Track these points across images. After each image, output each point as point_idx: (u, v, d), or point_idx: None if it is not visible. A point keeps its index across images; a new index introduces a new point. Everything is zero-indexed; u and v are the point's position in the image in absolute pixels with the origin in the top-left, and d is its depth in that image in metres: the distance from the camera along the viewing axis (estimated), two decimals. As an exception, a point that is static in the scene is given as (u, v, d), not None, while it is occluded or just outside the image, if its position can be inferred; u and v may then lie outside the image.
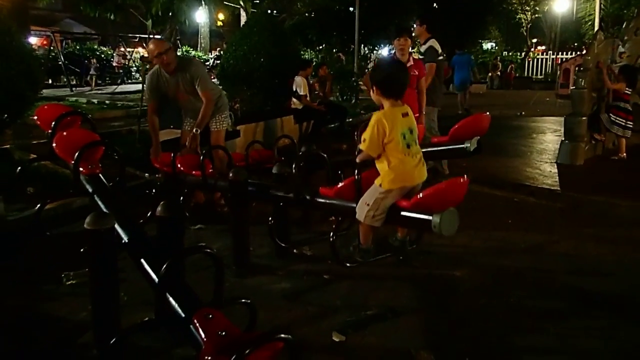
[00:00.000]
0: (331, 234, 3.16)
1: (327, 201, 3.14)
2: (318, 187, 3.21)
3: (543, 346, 2.75)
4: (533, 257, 3.95)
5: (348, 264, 3.24)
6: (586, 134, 6.88)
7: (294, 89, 8.61)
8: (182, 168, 4.14)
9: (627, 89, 7.01)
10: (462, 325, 2.88)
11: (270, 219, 3.58)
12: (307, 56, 17.85)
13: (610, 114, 7.08)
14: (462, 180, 2.59)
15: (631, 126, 6.99)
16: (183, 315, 1.91)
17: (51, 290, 3.25)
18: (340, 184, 3.07)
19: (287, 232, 3.80)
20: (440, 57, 6.08)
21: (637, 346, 2.77)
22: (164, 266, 1.99)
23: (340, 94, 13.94)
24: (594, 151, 7.29)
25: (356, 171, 2.83)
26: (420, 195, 2.52)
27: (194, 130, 4.43)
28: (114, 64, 22.67)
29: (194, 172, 4.03)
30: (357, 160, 2.81)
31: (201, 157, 3.88)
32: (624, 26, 8.15)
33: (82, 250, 2.54)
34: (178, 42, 24.47)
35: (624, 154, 7.03)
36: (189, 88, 4.49)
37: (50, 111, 3.56)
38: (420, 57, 5.81)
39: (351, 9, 16.67)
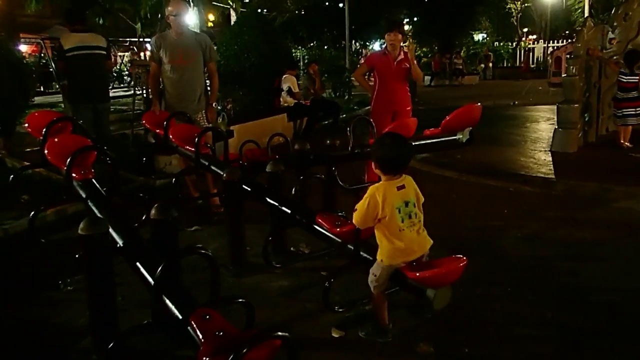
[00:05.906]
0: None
1: None
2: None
3: (541, 334, 2.76)
4: (530, 244, 3.97)
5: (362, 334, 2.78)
6: (579, 121, 6.88)
7: (286, 87, 8.60)
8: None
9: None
10: (460, 315, 2.89)
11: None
12: (298, 54, 17.84)
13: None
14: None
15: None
16: (180, 316, 1.91)
17: (49, 297, 3.24)
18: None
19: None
20: None
21: (635, 326, 2.79)
22: (159, 268, 1.99)
23: (333, 90, 13.92)
24: (587, 138, 7.30)
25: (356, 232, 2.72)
26: (418, 274, 2.43)
27: (212, 105, 4.96)
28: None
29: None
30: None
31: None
32: (613, 12, 8.14)
33: (77, 255, 2.53)
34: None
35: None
36: (193, 52, 4.71)
37: (41, 118, 3.55)
38: None
39: (341, 4, 16.66)
